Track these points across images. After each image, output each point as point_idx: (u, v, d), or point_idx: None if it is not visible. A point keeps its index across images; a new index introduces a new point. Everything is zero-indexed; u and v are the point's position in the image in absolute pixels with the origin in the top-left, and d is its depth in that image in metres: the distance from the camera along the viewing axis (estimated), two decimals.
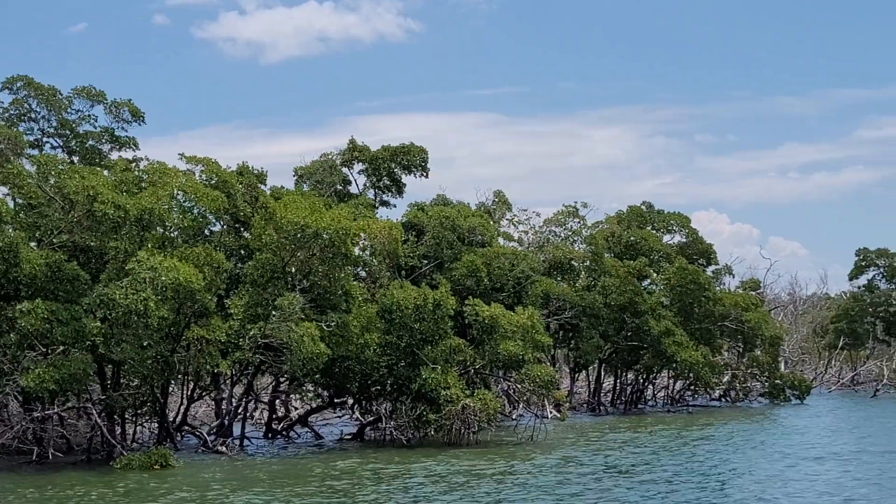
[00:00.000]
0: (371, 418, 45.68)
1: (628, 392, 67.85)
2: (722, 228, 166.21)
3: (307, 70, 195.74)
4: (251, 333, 39.37)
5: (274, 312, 38.87)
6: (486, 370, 44.03)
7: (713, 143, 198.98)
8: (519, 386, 44.65)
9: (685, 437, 47.68)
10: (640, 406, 67.94)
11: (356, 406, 47.08)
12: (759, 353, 69.06)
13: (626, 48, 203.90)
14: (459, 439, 41.77)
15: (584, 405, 66.12)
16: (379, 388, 43.55)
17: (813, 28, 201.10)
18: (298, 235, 39.89)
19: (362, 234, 44.54)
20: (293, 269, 41.29)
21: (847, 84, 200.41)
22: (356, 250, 47.19)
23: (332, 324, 40.19)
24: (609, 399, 68.32)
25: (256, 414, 53.01)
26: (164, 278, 35.12)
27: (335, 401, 47.02)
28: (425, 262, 53.77)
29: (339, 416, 53.12)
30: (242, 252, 45.80)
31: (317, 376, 43.45)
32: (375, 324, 42.45)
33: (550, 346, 62.67)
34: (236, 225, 46.49)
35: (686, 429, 51.62)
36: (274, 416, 49.78)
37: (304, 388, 45.52)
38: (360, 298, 43.81)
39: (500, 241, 61.27)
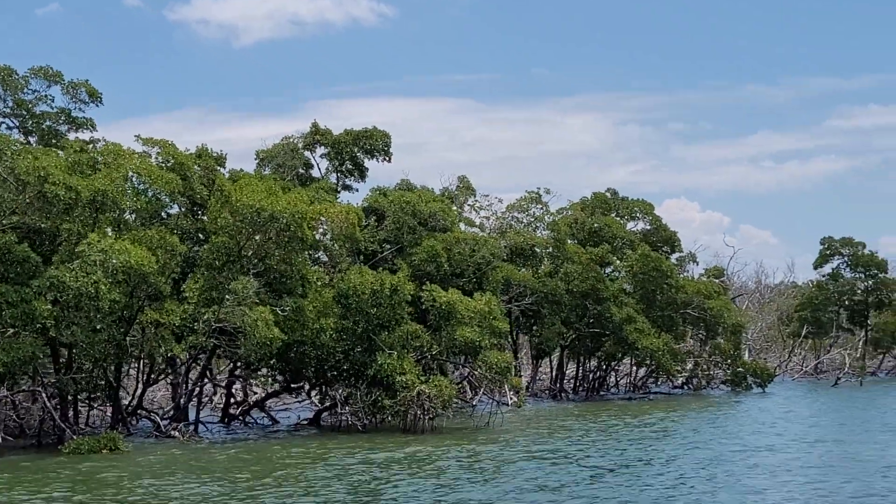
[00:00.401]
0: (327, 404, 45.43)
1: (590, 379, 67.84)
2: (693, 216, 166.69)
3: (281, 53, 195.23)
4: (205, 317, 39.06)
5: (228, 296, 38.54)
6: (442, 356, 43.80)
7: (686, 132, 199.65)
8: (476, 372, 44.41)
9: (640, 424, 47.60)
10: (602, 393, 67.93)
11: (312, 391, 46.82)
12: (721, 340, 69.11)
13: (601, 35, 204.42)
14: (415, 425, 41.56)
15: (546, 392, 66.02)
16: (335, 373, 43.25)
17: (786, 16, 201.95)
18: (254, 219, 39.57)
19: (321, 219, 44.27)
20: (249, 253, 40.98)
21: (819, 73, 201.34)
22: (317, 235, 47.06)
23: (287, 308, 39.91)
24: (572, 386, 68.31)
25: (216, 398, 52.80)
26: (114, 261, 34.77)
27: (292, 386, 46.72)
28: (386, 246, 53.60)
29: (300, 402, 52.94)
30: (200, 235, 45.50)
31: (273, 361, 43.19)
32: (332, 309, 42.19)
33: (511, 333, 63.03)
34: (194, 208, 46.16)
35: (643, 416, 51.56)
36: (233, 401, 49.58)
37: (259, 372, 45.19)
38: (317, 283, 43.57)
39: (462, 226, 61.12)
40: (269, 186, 41.29)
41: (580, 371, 68.30)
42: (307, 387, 47.04)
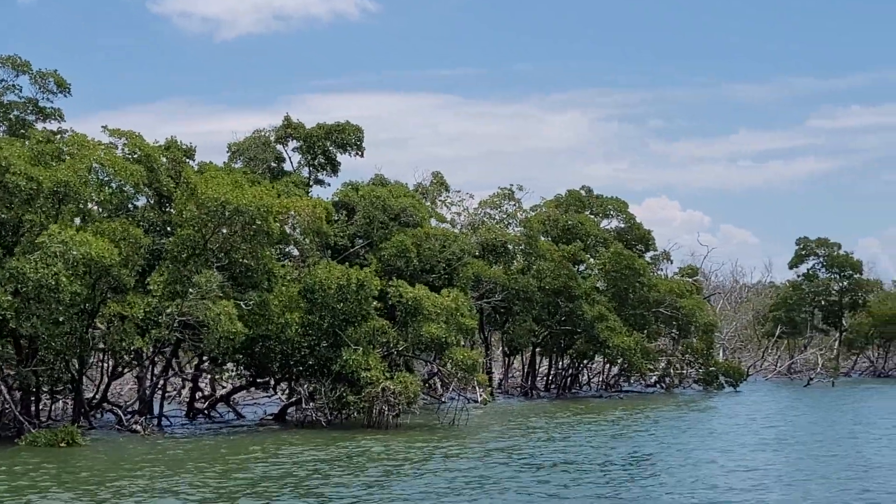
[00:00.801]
0: (293, 399, 45.10)
1: (562, 377, 67.69)
2: (674, 215, 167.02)
3: (264, 48, 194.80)
4: (169, 311, 38.68)
5: (191, 290, 38.19)
6: (409, 352, 43.51)
7: (666, 129, 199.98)
8: (442, 369, 44.14)
9: (604, 422, 47.50)
10: (574, 391, 67.79)
11: (278, 386, 46.52)
12: (693, 340, 69.04)
13: (584, 32, 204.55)
14: (380, 422, 41.26)
15: (518, 389, 65.87)
16: (300, 368, 42.90)
17: (768, 16, 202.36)
18: (219, 212, 39.19)
19: (292, 212, 43.96)
20: (215, 247, 40.60)
21: (801, 72, 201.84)
22: (287, 229, 46.73)
23: (251, 302, 39.57)
24: (544, 383, 68.16)
25: (184, 392, 52.43)
26: (75, 252, 34.38)
27: (258, 380, 46.38)
28: (358, 241, 53.28)
29: (269, 397, 52.63)
30: (167, 228, 45.09)
31: (238, 356, 42.86)
32: (298, 303, 41.86)
33: (482, 330, 62.79)
34: (161, 200, 45.73)
35: (609, 414, 51.47)
36: (202, 396, 49.28)
37: (225, 366, 44.83)
38: (284, 277, 43.24)
39: (434, 222, 60.85)
40: (236, 179, 40.97)
41: (552, 369, 68.18)
42: (273, 382, 46.60)
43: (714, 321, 71.86)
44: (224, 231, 40.26)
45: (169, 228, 44.74)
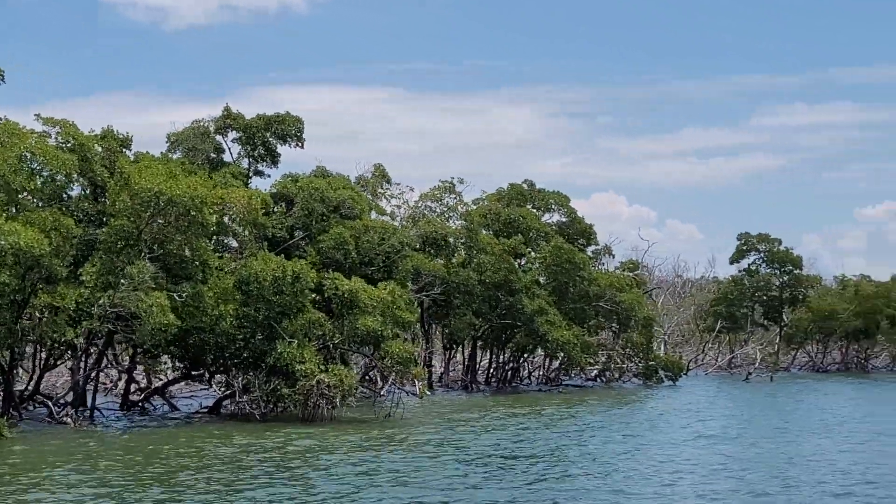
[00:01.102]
0: (228, 391, 44.68)
1: (503, 370, 67.63)
2: (621, 210, 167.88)
3: (213, 39, 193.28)
4: (101, 302, 38.20)
5: (123, 281, 37.71)
6: (345, 345, 43.22)
7: (614, 125, 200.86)
8: (378, 363, 43.90)
9: (536, 415, 47.53)
10: (514, 384, 67.75)
11: (213, 379, 46.11)
12: (633, 334, 69.17)
13: (533, 28, 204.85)
14: (315, 415, 40.98)
15: (459, 383, 65.72)
16: (235, 360, 42.51)
17: (714, 14, 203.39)
18: (153, 202, 38.75)
19: (227, 203, 43.50)
20: (148, 237, 40.13)
21: (746, 70, 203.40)
22: (226, 220, 46.32)
23: (184, 294, 39.13)
24: (485, 377, 68.10)
25: (122, 384, 51.83)
26: (3, 242, 33.85)
27: (193, 373, 45.93)
28: (297, 233, 52.93)
29: (208, 389, 52.16)
30: (103, 218, 44.54)
31: (172, 348, 42.40)
32: (233, 295, 41.47)
33: (423, 323, 62.61)
34: (96, 190, 45.17)
35: (548, 408, 51.51)
36: (139, 388, 48.79)
37: (159, 359, 44.33)
38: (221, 269, 42.82)
39: (374, 215, 60.59)
40: (170, 170, 40.54)
41: (493, 362, 68.13)
42: (208, 374, 46.13)
43: (653, 315, 72.10)
44: (158, 222, 39.80)
45: (104, 219, 44.26)
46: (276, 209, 53.18)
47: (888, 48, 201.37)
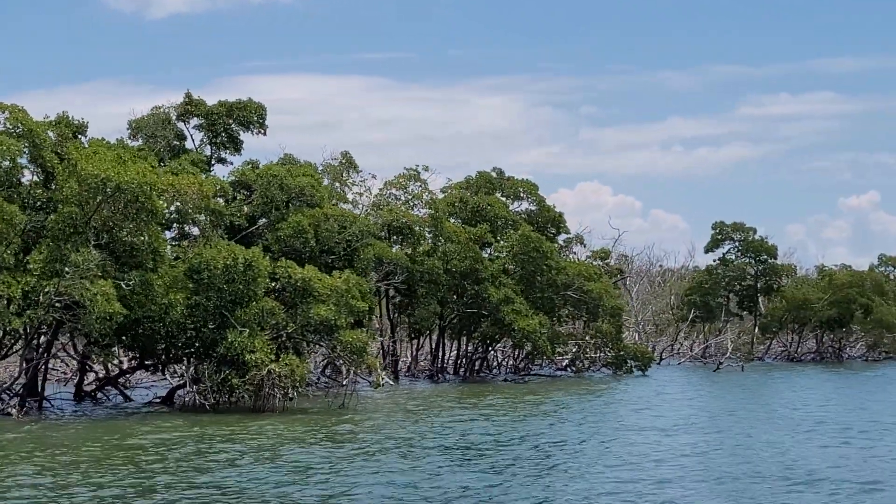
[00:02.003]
0: (182, 381, 44.00)
1: (470, 360, 67.03)
2: (606, 200, 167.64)
3: (194, 27, 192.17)
4: (47, 290, 37.47)
5: (68, 269, 36.98)
6: (298, 335, 42.50)
7: (598, 115, 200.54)
8: (332, 352, 43.23)
9: (504, 406, 46.92)
10: (482, 374, 67.19)
11: (167, 369, 45.43)
12: (602, 323, 68.56)
13: (515, 17, 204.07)
14: (266, 405, 40.31)
15: (425, 373, 65.16)
16: (188, 350, 41.83)
17: (697, 3, 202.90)
18: (100, 188, 38.01)
19: (180, 190, 42.76)
20: (98, 225, 39.38)
21: (730, 60, 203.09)
22: (174, 207, 45.60)
23: (131, 282, 38.39)
24: (452, 367, 67.54)
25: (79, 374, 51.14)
26: None
27: (146, 362, 45.21)
28: (261, 221, 52.25)
29: (165, 379, 51.49)
30: (54, 206, 43.78)
31: (123, 337, 41.69)
32: (183, 283, 40.72)
33: (388, 312, 62.00)
34: (48, 177, 44.40)
35: (513, 398, 50.92)
36: (96, 378, 48.12)
37: (111, 348, 43.50)
38: (176, 257, 42.11)
39: (341, 204, 59.92)
40: (118, 155, 39.79)
41: (460, 352, 67.53)
42: (162, 364, 45.41)
43: (621, 305, 71.44)
44: (107, 209, 39.05)
45: (55, 206, 43.51)
46: (235, 197, 52.54)
47: (871, 39, 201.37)
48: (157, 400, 44.72)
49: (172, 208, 48.17)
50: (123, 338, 41.67)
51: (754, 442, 35.38)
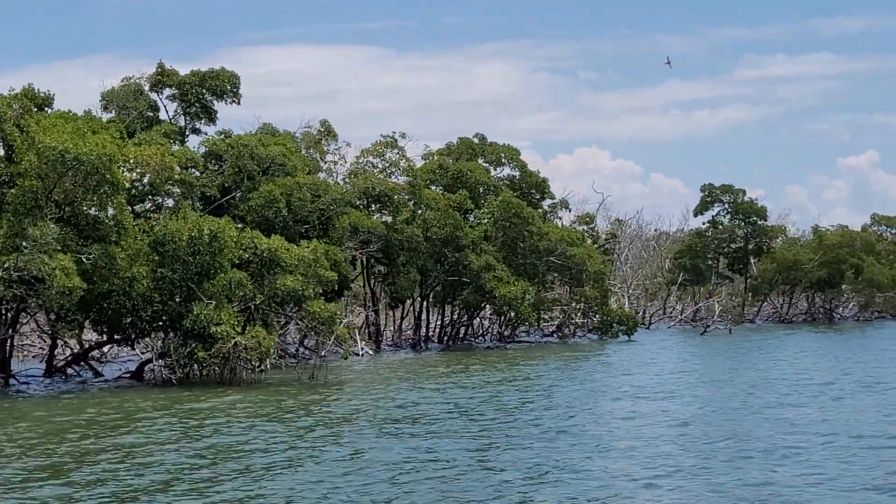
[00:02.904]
0: (150, 356, 43.41)
1: (454, 328, 66.49)
2: (604, 164, 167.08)
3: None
4: (6, 265, 36.84)
5: (25, 243, 36.32)
6: (266, 306, 41.86)
7: (596, 80, 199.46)
8: (300, 322, 42.59)
9: (481, 373, 46.34)
10: (467, 342, 66.66)
11: (135, 343, 44.83)
12: (587, 288, 67.98)
13: None
14: (233, 378, 39.72)
15: (408, 342, 64.62)
16: (156, 324, 41.21)
17: None
18: (59, 161, 37.30)
19: (142, 161, 42.11)
20: (60, 198, 38.70)
21: (726, 23, 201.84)
22: (133, 176, 44.91)
23: (92, 256, 37.72)
24: (436, 335, 67.02)
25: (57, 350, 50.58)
26: None
27: (116, 337, 44.58)
28: (237, 193, 51.63)
29: (140, 354, 50.95)
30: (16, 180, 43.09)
31: (90, 312, 41.07)
32: (149, 256, 40.06)
33: (367, 281, 61.33)
34: (10, 151, 43.68)
35: (492, 365, 50.33)
36: (72, 353, 47.56)
37: (74, 323, 42.91)
38: (145, 230, 41.43)
39: (321, 174, 59.32)
40: (77, 127, 39.07)
41: (444, 320, 66.99)
42: (132, 338, 44.77)
43: (604, 269, 70.77)
44: (67, 182, 38.37)
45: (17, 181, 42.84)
46: (207, 167, 51.92)
47: None
48: (127, 375, 44.09)
49: (145, 180, 47.88)
50: (90, 313, 41.03)
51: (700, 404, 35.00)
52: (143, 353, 45.67)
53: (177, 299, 40.52)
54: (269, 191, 48.40)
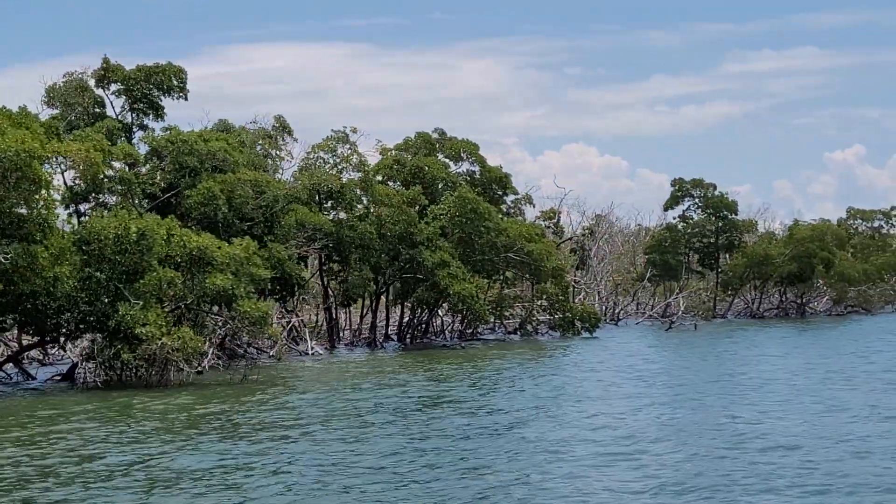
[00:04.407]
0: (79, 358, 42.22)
1: (412, 326, 65.34)
2: (592, 161, 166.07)
3: None
4: None
5: None
6: (197, 306, 40.67)
7: (583, 76, 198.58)
8: (231, 323, 41.36)
9: (424, 372, 45.26)
10: (427, 340, 65.51)
11: (66, 345, 43.63)
12: (548, 285, 66.87)
13: None
14: (161, 380, 38.53)
15: (364, 341, 63.47)
16: (83, 325, 40.00)
17: None
18: None
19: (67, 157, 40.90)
20: None
21: (712, 18, 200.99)
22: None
23: (9, 255, 36.51)
24: (395, 334, 65.94)
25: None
26: None
27: (47, 339, 43.39)
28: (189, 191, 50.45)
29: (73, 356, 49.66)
30: None
31: (14, 313, 39.87)
32: (73, 256, 38.84)
33: (321, 279, 60.12)
34: None
35: (438, 364, 49.25)
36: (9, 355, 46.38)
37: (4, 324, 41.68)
38: (62, 228, 40.29)
39: (282, 174, 58.33)
40: None
41: (402, 318, 65.85)
42: (62, 340, 43.56)
43: (563, 265, 69.68)
44: None
45: None
46: (147, 164, 50.85)
47: None
48: (58, 378, 42.88)
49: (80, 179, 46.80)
50: (14, 313, 39.82)
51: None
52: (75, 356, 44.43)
53: (104, 299, 39.30)
54: (207, 188, 47.24)
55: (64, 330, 40.52)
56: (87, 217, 48.27)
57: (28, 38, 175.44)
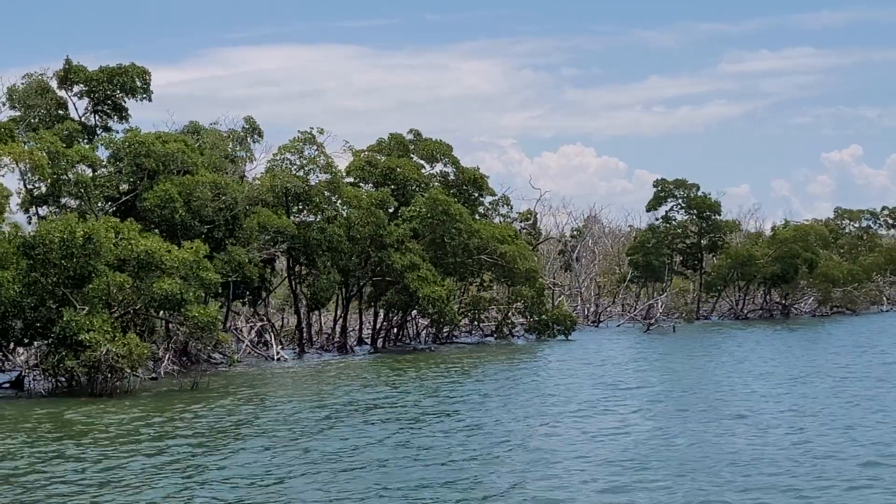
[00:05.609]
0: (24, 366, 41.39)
1: (384, 330, 64.48)
2: (589, 162, 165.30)
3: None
4: None
5: None
6: (145, 311, 39.80)
7: (580, 76, 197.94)
8: (179, 328, 40.49)
9: (380, 377, 44.40)
10: (401, 344, 64.66)
11: (14, 351, 42.78)
12: (522, 288, 65.98)
13: None
14: (106, 388, 37.61)
15: (335, 345, 62.58)
16: (28, 331, 39.13)
17: None
18: None
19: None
20: None
21: (708, 18, 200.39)
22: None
23: None
24: (368, 338, 65.04)
25: None
26: None
27: None
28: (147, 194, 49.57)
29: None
30: None
31: None
32: (17, 261, 37.98)
33: (291, 282, 59.26)
34: None
35: (403, 369, 48.41)
36: None
37: None
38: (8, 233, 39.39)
39: (253, 177, 57.43)
40: None
41: (377, 321, 64.96)
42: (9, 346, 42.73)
43: (536, 268, 68.79)
44: None
45: None
46: (107, 167, 49.97)
47: None
48: (7, 385, 41.97)
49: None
50: None
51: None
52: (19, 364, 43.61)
53: (51, 305, 38.46)
54: (165, 190, 46.34)
55: (10, 336, 39.61)
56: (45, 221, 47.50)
57: (15, 40, 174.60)
